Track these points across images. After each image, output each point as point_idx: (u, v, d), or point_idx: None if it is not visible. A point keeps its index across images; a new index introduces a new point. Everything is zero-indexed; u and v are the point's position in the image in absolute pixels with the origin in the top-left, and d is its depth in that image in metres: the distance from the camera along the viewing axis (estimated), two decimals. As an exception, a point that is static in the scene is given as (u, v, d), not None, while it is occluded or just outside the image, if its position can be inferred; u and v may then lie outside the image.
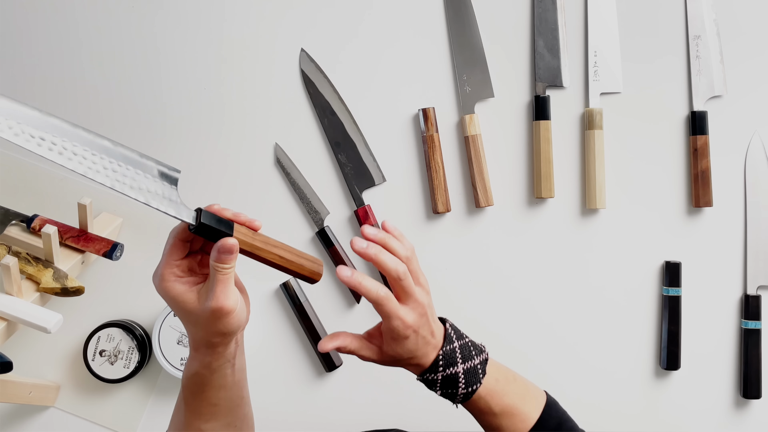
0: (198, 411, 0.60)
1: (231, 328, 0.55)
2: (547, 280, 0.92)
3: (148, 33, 0.92)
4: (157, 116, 0.92)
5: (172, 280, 0.54)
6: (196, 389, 0.59)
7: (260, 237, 0.56)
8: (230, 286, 0.53)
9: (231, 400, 0.60)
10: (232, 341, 0.57)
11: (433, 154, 0.90)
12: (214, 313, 0.53)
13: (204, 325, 0.54)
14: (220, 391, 0.59)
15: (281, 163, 0.91)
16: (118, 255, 0.82)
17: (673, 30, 0.92)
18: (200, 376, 0.58)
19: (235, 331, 0.56)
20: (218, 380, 0.58)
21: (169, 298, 0.54)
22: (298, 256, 0.58)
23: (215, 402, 0.59)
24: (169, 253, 0.54)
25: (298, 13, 0.92)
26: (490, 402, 0.61)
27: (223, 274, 0.53)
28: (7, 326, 0.74)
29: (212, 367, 0.57)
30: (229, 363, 0.58)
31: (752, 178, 0.92)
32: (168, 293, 0.54)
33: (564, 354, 0.92)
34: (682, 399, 0.92)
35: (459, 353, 0.61)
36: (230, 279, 0.53)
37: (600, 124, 0.90)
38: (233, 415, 0.61)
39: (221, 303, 0.53)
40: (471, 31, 0.92)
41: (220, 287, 0.53)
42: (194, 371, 0.58)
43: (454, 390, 0.60)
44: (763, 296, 0.91)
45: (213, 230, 0.52)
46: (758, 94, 0.92)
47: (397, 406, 0.91)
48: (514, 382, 0.63)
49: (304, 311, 0.90)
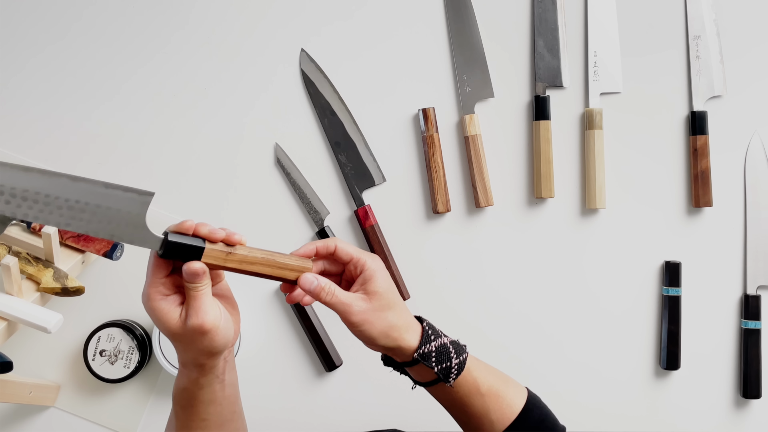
0: (188, 426, 0.59)
1: (216, 346, 0.54)
2: (546, 280, 0.92)
3: (147, 33, 0.92)
4: (157, 116, 0.92)
5: (158, 299, 0.54)
6: (185, 404, 0.59)
7: (235, 255, 0.55)
8: (206, 302, 0.53)
9: (221, 415, 0.60)
10: (220, 359, 0.57)
11: (433, 154, 0.90)
12: (195, 330, 0.53)
13: (189, 344, 0.54)
14: (209, 406, 0.59)
15: (281, 163, 0.91)
16: (118, 255, 0.82)
17: (673, 30, 0.92)
18: (189, 392, 0.58)
19: (221, 350, 0.55)
20: (207, 396, 0.58)
21: (155, 317, 0.54)
22: (281, 268, 0.57)
23: (204, 417, 0.59)
24: (152, 273, 0.54)
25: (298, 13, 0.92)
26: (477, 378, 0.61)
27: (195, 291, 0.53)
28: (7, 326, 0.74)
29: (200, 384, 0.57)
30: (217, 379, 0.58)
31: (752, 178, 0.92)
32: (154, 312, 0.54)
33: (564, 354, 0.92)
34: (682, 399, 0.92)
35: (437, 329, 0.62)
36: (205, 296, 0.53)
37: (600, 124, 0.90)
38: (224, 429, 0.61)
39: (201, 320, 0.52)
40: (471, 31, 0.92)
41: (196, 304, 0.53)
42: (183, 386, 0.58)
43: (448, 363, 0.59)
44: (763, 296, 0.91)
45: (180, 256, 0.52)
46: (758, 94, 0.92)
47: (396, 407, 0.91)
48: (492, 367, 0.64)
49: (304, 311, 0.90)
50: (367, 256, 0.59)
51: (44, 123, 0.91)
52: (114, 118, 0.92)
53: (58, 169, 0.91)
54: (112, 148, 0.91)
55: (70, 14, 0.92)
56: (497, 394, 0.62)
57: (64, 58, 0.92)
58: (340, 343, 0.91)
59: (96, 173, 0.91)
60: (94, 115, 0.92)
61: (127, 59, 0.92)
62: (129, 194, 0.51)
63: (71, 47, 0.92)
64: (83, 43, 0.92)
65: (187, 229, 0.53)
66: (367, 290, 0.58)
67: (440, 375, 0.59)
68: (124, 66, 0.92)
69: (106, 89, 0.92)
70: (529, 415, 0.62)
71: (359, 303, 0.57)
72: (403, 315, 0.59)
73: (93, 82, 0.92)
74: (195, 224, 0.54)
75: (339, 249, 0.59)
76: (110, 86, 0.92)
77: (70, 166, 0.91)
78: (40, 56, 0.92)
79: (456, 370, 0.60)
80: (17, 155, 0.91)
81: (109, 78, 0.92)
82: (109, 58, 0.92)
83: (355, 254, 0.59)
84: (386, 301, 0.58)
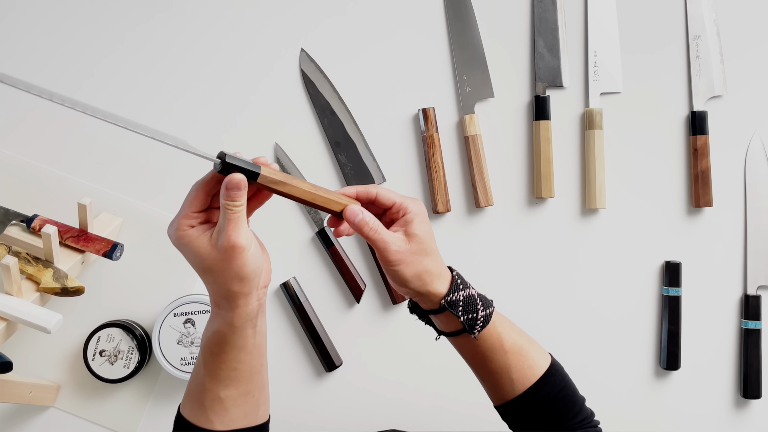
0: (217, 375, 0.58)
1: (247, 271, 0.54)
2: (546, 280, 0.92)
3: (147, 33, 0.92)
4: (157, 116, 0.92)
5: (186, 229, 0.54)
6: (216, 349, 0.57)
7: (288, 178, 0.56)
8: (241, 224, 0.53)
9: (251, 366, 0.59)
10: (253, 297, 0.56)
11: (433, 154, 0.90)
12: (227, 252, 0.52)
13: (220, 270, 0.54)
14: (240, 353, 0.58)
15: (281, 163, 0.91)
16: (118, 255, 0.82)
17: (673, 30, 0.92)
18: (221, 335, 0.57)
19: (252, 277, 0.55)
20: (239, 341, 0.57)
21: (183, 245, 0.54)
22: (326, 198, 0.57)
23: (235, 366, 0.58)
24: (189, 204, 0.54)
25: (298, 13, 0.92)
26: (502, 334, 0.61)
27: (233, 212, 0.52)
28: (7, 326, 0.74)
29: (234, 325, 0.56)
30: (250, 323, 0.57)
31: (752, 178, 0.92)
32: (182, 240, 0.54)
33: (564, 353, 0.92)
34: (682, 399, 0.92)
35: (467, 281, 0.62)
36: (241, 218, 0.53)
37: (600, 124, 0.90)
38: (252, 383, 0.60)
39: (233, 240, 0.52)
40: (471, 31, 0.92)
41: (231, 225, 0.52)
42: (215, 329, 0.57)
43: (474, 314, 0.59)
44: (763, 296, 0.91)
45: (239, 169, 0.52)
46: (758, 93, 0.92)
47: (397, 407, 0.91)
48: (518, 328, 0.64)
49: (304, 311, 0.90)
50: (410, 200, 0.60)
51: (43, 122, 0.91)
52: (114, 118, 0.92)
53: (58, 171, 0.91)
54: (112, 149, 0.91)
55: (70, 14, 0.92)
56: (520, 353, 0.62)
57: (64, 58, 0.92)
58: (340, 343, 0.91)
59: (96, 173, 0.91)
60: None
61: (127, 59, 0.92)
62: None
63: (70, 46, 0.92)
64: (82, 43, 0.92)
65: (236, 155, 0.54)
66: (408, 232, 0.58)
67: (465, 325, 0.60)
68: (124, 66, 0.92)
69: (106, 89, 0.92)
70: (550, 379, 0.62)
71: (399, 242, 0.58)
72: (437, 262, 0.60)
73: (93, 82, 0.92)
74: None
75: (380, 195, 0.60)
76: (110, 86, 0.92)
77: (71, 166, 0.91)
78: (38, 59, 0.92)
79: (482, 322, 0.60)
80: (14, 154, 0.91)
81: (109, 78, 0.92)
82: (109, 58, 0.92)
83: (398, 199, 0.59)
84: (424, 245, 0.58)
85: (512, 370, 0.62)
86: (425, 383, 0.91)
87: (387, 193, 0.60)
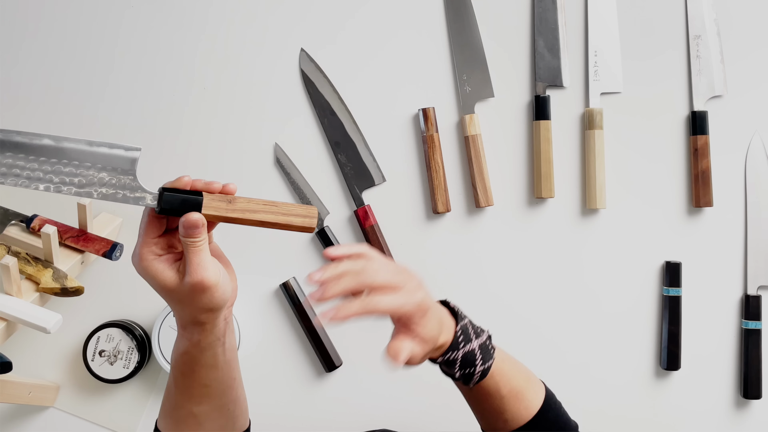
0: (189, 393, 0.58)
1: (216, 302, 0.53)
2: (547, 280, 0.92)
3: (147, 33, 0.92)
4: (157, 116, 0.92)
5: (150, 259, 0.53)
6: (186, 369, 0.57)
7: (237, 204, 0.53)
8: (205, 258, 0.52)
9: (222, 381, 0.59)
10: (221, 318, 0.56)
11: (433, 154, 0.90)
12: (195, 287, 0.52)
13: (188, 303, 0.53)
14: (210, 371, 0.57)
15: (281, 163, 0.91)
16: (117, 255, 0.82)
17: (673, 30, 0.92)
18: (190, 356, 0.57)
19: (221, 306, 0.54)
20: (208, 359, 0.57)
21: (149, 277, 0.53)
22: (285, 215, 0.55)
23: (206, 383, 0.58)
24: (145, 232, 0.53)
25: (298, 13, 0.92)
26: (499, 382, 0.60)
27: (194, 246, 0.52)
28: (6, 326, 0.74)
29: (201, 346, 0.56)
30: (219, 341, 0.57)
31: (752, 178, 0.92)
32: (147, 272, 0.53)
33: (564, 354, 0.92)
34: (682, 399, 0.92)
35: (470, 328, 0.60)
36: (203, 251, 0.52)
37: (600, 124, 0.90)
38: (226, 396, 0.60)
39: (200, 276, 0.51)
40: (471, 31, 0.92)
41: (195, 260, 0.52)
42: (183, 350, 0.57)
43: (472, 369, 0.58)
44: (764, 296, 0.91)
45: (178, 209, 0.52)
46: (758, 93, 0.92)
47: (396, 407, 0.91)
48: (518, 365, 0.63)
49: (303, 311, 0.89)
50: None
51: (43, 122, 0.91)
52: (114, 118, 0.92)
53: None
54: (111, 148, 0.91)
55: (70, 13, 0.92)
56: (516, 398, 0.61)
57: (64, 57, 0.92)
58: (340, 343, 0.91)
59: (95, 173, 0.91)
60: (92, 114, 0.92)
61: (127, 59, 0.92)
62: (115, 150, 0.51)
63: (70, 46, 0.92)
64: (82, 43, 0.92)
65: (184, 185, 0.53)
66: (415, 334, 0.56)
67: (461, 379, 0.59)
68: (124, 65, 0.92)
69: (106, 89, 0.92)
70: (544, 416, 0.62)
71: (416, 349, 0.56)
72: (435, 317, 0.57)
73: (93, 81, 0.92)
74: (191, 179, 0.53)
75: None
76: (110, 87, 0.92)
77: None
78: (37, 59, 0.92)
79: (479, 377, 0.58)
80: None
81: (109, 78, 0.92)
82: (109, 58, 0.92)
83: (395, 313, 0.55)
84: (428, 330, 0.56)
85: (507, 412, 0.60)
86: (425, 383, 0.91)
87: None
